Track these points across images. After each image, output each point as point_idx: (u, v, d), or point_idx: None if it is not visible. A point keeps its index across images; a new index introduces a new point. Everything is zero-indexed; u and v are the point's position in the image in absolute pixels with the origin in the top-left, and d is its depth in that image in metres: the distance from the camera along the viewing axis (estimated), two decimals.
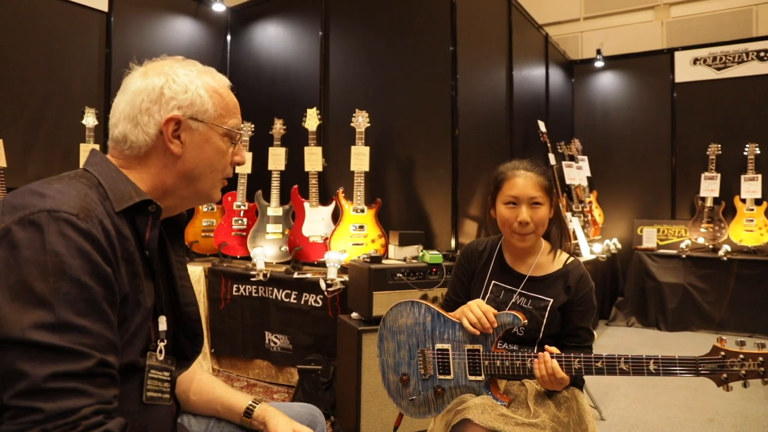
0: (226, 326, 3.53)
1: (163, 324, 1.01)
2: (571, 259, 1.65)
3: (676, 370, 1.30)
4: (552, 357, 1.41)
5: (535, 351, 1.50)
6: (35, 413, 0.73)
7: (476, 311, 1.48)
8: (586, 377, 1.55)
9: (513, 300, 1.60)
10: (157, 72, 1.00)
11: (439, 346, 1.55)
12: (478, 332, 1.48)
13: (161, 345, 1.00)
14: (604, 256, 4.87)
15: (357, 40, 3.86)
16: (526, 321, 1.49)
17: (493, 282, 1.65)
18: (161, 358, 1.00)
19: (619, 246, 5.41)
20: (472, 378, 1.50)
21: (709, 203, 5.06)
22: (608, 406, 3.05)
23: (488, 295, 1.64)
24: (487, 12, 4.11)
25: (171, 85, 0.98)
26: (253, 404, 1.21)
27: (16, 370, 0.74)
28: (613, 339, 4.59)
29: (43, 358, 0.75)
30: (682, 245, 4.93)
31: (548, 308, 1.56)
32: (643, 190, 5.66)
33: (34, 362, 0.75)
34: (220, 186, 1.08)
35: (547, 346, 1.44)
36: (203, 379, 1.27)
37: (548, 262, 1.64)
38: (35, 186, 0.87)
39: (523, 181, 1.59)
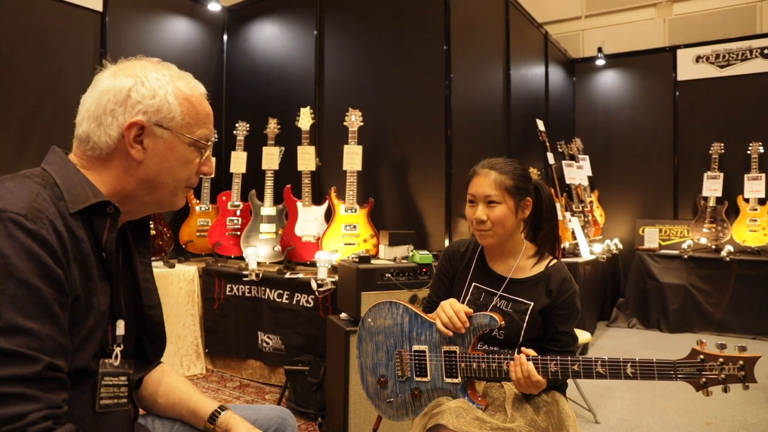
0: (219, 326, 3.52)
1: (120, 328, 0.98)
2: (554, 261, 1.60)
3: (653, 373, 1.26)
4: (528, 359, 1.37)
5: (515, 354, 1.47)
6: None
7: (448, 311, 1.45)
8: (583, 380, 1.51)
9: (493, 303, 1.56)
10: (127, 73, 0.97)
11: (416, 347, 1.52)
12: (450, 333, 1.44)
13: (117, 350, 0.97)
14: (605, 256, 4.81)
15: (351, 39, 3.84)
16: (503, 323, 1.45)
17: (473, 284, 1.62)
18: (116, 363, 0.97)
19: (621, 246, 5.36)
20: (448, 380, 1.47)
21: (711, 203, 4.99)
22: (603, 408, 3.00)
23: (468, 297, 1.61)
24: (484, 11, 4.08)
25: (139, 88, 0.95)
26: (219, 411, 1.17)
27: None
28: (613, 340, 4.53)
29: None
30: (684, 245, 4.87)
31: (528, 312, 1.52)
32: (645, 190, 5.60)
33: None
34: (184, 194, 1.05)
35: (523, 348, 1.41)
36: (171, 382, 1.24)
37: (530, 264, 1.60)
38: None
39: (481, 179, 1.56)
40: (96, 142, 0.95)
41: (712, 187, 4.98)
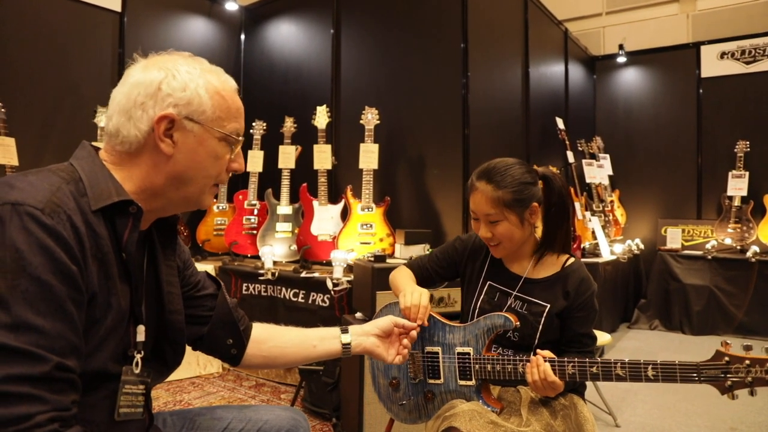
0: None
1: (141, 335, 0.96)
2: (571, 260, 1.54)
3: (675, 376, 1.21)
4: (545, 361, 1.33)
5: (531, 356, 1.43)
6: None
7: (415, 300, 1.43)
8: (603, 383, 1.47)
9: (508, 303, 1.52)
10: (158, 66, 0.95)
11: (429, 348, 1.49)
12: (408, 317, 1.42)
13: (138, 357, 0.95)
14: (626, 256, 4.73)
15: (368, 38, 3.82)
16: (518, 323, 1.41)
17: (488, 283, 1.57)
18: (137, 371, 0.95)
19: (642, 246, 5.26)
20: (462, 383, 1.43)
21: (736, 202, 4.86)
22: (624, 412, 2.93)
23: (483, 296, 1.56)
24: (502, 9, 4.03)
25: (170, 81, 0.93)
26: (347, 343, 1.29)
27: None
28: (634, 342, 4.45)
29: None
30: (708, 246, 4.75)
31: (545, 314, 1.47)
32: (667, 189, 5.48)
33: None
34: (212, 193, 1.02)
35: (539, 350, 1.37)
36: (278, 336, 1.29)
37: (547, 263, 1.55)
38: (9, 177, 0.84)
39: (478, 196, 1.48)
40: (125, 136, 0.93)
41: (738, 186, 4.85)
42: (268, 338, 1.27)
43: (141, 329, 0.96)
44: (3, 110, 2.90)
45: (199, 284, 1.20)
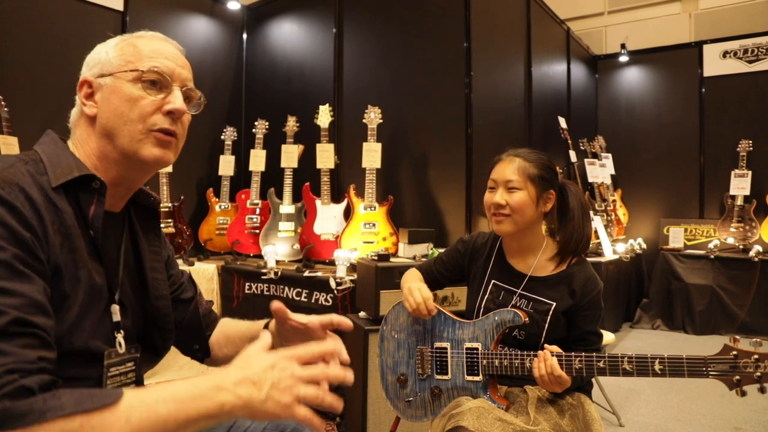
0: None
1: (116, 315, 0.95)
2: (576, 258, 1.54)
3: (683, 370, 1.20)
4: (553, 355, 1.33)
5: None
6: None
7: (417, 297, 1.46)
8: (606, 380, 1.47)
9: (513, 302, 1.52)
10: None
11: (437, 344, 1.50)
12: (420, 315, 1.47)
13: (119, 337, 0.95)
14: (628, 256, 4.72)
15: (370, 37, 3.81)
16: (527, 320, 1.41)
17: (492, 281, 1.57)
18: (122, 351, 0.95)
19: (645, 246, 5.25)
20: (469, 378, 1.43)
21: (739, 202, 4.86)
22: (628, 411, 2.93)
23: (487, 295, 1.56)
24: (504, 8, 4.03)
25: (91, 54, 1.00)
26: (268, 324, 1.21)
27: None
28: (637, 342, 4.44)
29: None
30: (711, 245, 4.75)
31: (550, 312, 1.47)
32: (669, 189, 5.48)
33: None
34: (149, 140, 0.95)
35: (547, 345, 1.36)
36: (230, 325, 1.26)
37: (552, 262, 1.54)
38: None
39: (504, 165, 1.53)
40: (71, 115, 1.00)
41: (740, 185, 4.85)
42: (225, 342, 1.24)
43: (115, 309, 0.95)
44: (6, 109, 2.90)
45: (182, 287, 1.20)
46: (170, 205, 3.60)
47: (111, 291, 0.95)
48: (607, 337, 2.91)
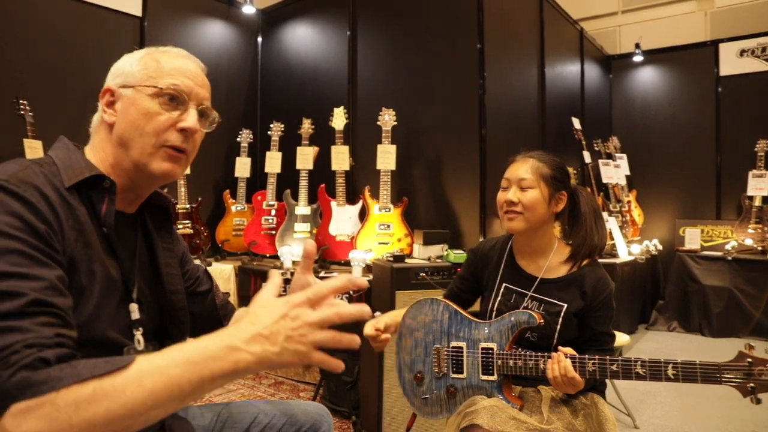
0: None
1: (135, 313, 0.98)
2: (587, 260, 1.56)
3: (696, 376, 1.21)
4: (566, 357, 1.34)
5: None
6: None
7: (367, 330, 1.59)
8: (621, 382, 1.48)
9: (524, 304, 1.54)
10: None
11: (454, 343, 1.53)
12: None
13: (138, 333, 0.98)
14: (643, 257, 4.69)
15: (384, 39, 3.84)
16: (542, 321, 1.43)
17: (504, 285, 1.59)
18: (141, 347, 0.98)
19: (660, 247, 5.21)
20: (484, 378, 1.45)
21: (757, 202, 4.80)
22: (643, 413, 2.92)
23: (499, 298, 1.59)
24: (517, 9, 4.03)
25: (117, 63, 1.04)
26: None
27: None
28: (652, 344, 4.42)
29: None
30: (728, 247, 4.70)
31: (562, 314, 1.48)
32: (685, 189, 5.43)
33: None
34: (159, 155, 0.98)
35: (561, 347, 1.38)
36: None
37: (563, 264, 1.56)
38: None
39: (518, 164, 1.57)
40: (92, 122, 1.04)
41: (758, 185, 4.79)
42: None
43: (134, 307, 0.98)
44: (30, 114, 2.97)
45: (198, 280, 1.24)
46: (188, 206, 3.65)
47: (127, 287, 0.98)
48: (623, 338, 2.90)
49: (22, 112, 2.95)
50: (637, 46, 5.60)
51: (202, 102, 1.03)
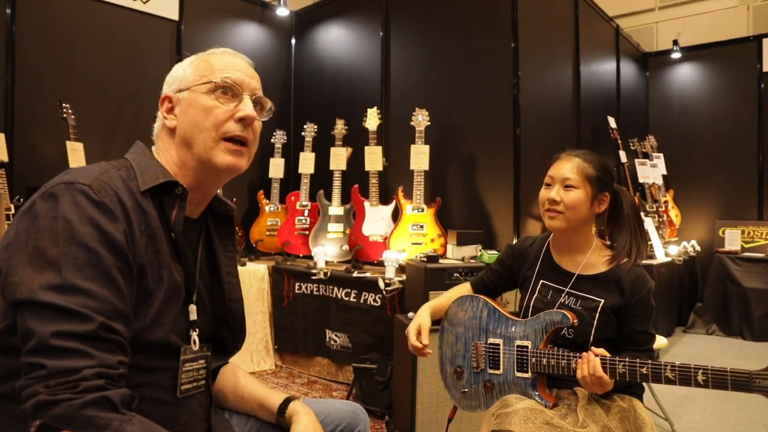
0: (288, 323, 3.61)
1: (193, 314, 1.02)
2: (625, 258, 1.54)
3: (726, 383, 1.18)
4: (596, 357, 1.34)
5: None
6: (40, 369, 0.76)
7: (411, 340, 1.61)
8: (659, 386, 1.46)
9: (561, 300, 1.54)
10: None
11: (491, 340, 1.56)
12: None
13: (194, 335, 1.02)
14: (681, 258, 4.59)
15: (417, 39, 3.84)
16: (576, 321, 1.43)
17: (541, 281, 1.61)
18: (196, 348, 1.02)
19: (699, 248, 5.08)
20: (519, 374, 1.48)
21: None
22: (681, 418, 2.86)
23: (536, 295, 1.60)
24: (552, 7, 3.98)
25: (170, 73, 1.07)
26: (286, 402, 1.16)
27: (28, 328, 0.78)
28: (690, 347, 4.32)
29: (49, 318, 0.78)
30: None
31: (599, 309, 1.48)
32: (725, 189, 5.28)
33: (41, 321, 0.78)
34: (222, 149, 1.01)
35: (593, 348, 1.37)
36: (240, 380, 1.24)
37: (600, 261, 1.55)
38: (69, 169, 0.94)
39: (563, 163, 1.56)
40: (154, 128, 1.08)
41: None
42: (234, 397, 1.23)
43: (192, 309, 1.02)
44: (73, 116, 3.07)
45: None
46: None
47: (188, 291, 1.02)
48: (661, 341, 2.84)
49: (65, 115, 3.05)
50: (675, 42, 5.47)
51: (255, 92, 1.07)
